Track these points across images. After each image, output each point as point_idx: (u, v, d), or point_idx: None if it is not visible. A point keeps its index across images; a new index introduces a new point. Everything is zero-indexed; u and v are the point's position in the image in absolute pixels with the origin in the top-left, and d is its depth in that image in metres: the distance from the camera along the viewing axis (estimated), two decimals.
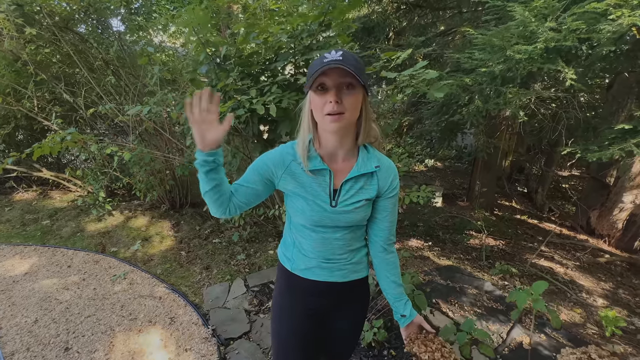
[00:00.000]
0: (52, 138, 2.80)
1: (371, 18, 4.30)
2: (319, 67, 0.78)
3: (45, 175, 4.16)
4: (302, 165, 0.92)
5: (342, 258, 1.01)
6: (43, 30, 3.08)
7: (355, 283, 1.06)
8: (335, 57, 0.79)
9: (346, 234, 0.98)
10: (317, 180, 0.93)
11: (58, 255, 3.02)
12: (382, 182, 0.96)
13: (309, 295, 1.05)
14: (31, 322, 2.18)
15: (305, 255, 1.02)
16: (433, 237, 4.05)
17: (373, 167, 0.93)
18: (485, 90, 2.43)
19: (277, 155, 0.95)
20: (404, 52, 2.16)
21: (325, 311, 1.08)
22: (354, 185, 0.93)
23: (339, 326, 1.13)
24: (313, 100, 0.85)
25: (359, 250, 1.05)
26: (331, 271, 1.01)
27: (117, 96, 3.35)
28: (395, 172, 0.98)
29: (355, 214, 0.94)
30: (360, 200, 0.94)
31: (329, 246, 0.99)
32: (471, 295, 2.67)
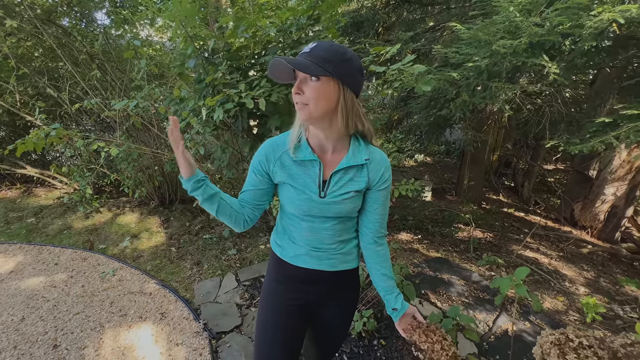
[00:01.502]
0: (36, 134, 2.74)
1: (360, 13, 4.30)
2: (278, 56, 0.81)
3: (30, 172, 4.07)
4: (291, 156, 0.94)
5: (331, 248, 1.02)
6: (24, 23, 3.00)
7: (345, 273, 1.07)
8: (305, 50, 0.82)
9: (335, 225, 1.00)
10: (307, 170, 0.94)
11: (44, 253, 2.97)
12: (373, 174, 0.96)
13: (298, 282, 1.06)
14: (18, 320, 2.15)
15: (295, 243, 1.03)
16: (422, 231, 4.11)
17: (363, 160, 0.94)
18: (472, 85, 2.47)
19: (268, 148, 0.97)
20: (392, 47, 2.18)
21: (314, 300, 1.09)
22: (343, 177, 0.94)
23: (328, 316, 1.14)
24: None
25: (349, 241, 1.06)
26: (320, 260, 1.02)
27: (103, 91, 3.29)
28: (387, 165, 0.98)
29: (344, 205, 0.95)
30: (350, 191, 0.94)
31: (317, 235, 1.00)
32: (459, 286, 2.73)
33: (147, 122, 3.10)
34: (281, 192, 1.00)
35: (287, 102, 2.33)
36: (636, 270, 3.59)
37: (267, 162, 0.97)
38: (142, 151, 3.09)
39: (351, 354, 1.90)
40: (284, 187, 0.98)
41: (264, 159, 0.97)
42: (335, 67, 0.80)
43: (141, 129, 3.33)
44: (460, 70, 2.54)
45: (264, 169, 0.98)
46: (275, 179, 0.98)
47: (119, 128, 2.98)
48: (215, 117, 2.02)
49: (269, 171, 0.97)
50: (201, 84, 2.32)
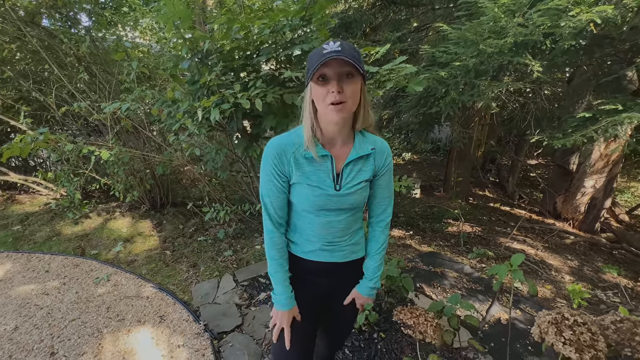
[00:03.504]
0: (22, 139, 2.68)
1: (348, 14, 4.36)
2: (320, 59, 0.82)
3: (12, 179, 3.95)
4: (303, 153, 0.95)
5: (343, 240, 1.06)
6: (7, 25, 2.91)
7: (354, 263, 1.12)
8: (334, 48, 0.82)
9: (348, 217, 1.03)
10: (319, 166, 0.96)
11: (34, 260, 2.89)
12: (378, 162, 1.02)
13: (309, 274, 1.10)
14: (11, 329, 2.09)
15: (309, 240, 1.06)
16: (414, 227, 4.20)
17: (369, 149, 0.99)
18: (460, 83, 2.56)
19: (278, 150, 0.96)
20: (382, 47, 2.24)
21: (325, 292, 1.14)
22: (354, 168, 0.99)
23: (337, 307, 1.18)
24: (315, 91, 0.87)
25: (358, 231, 1.11)
26: (332, 252, 1.07)
27: (91, 93, 3.23)
28: (388, 151, 1.05)
29: (358, 195, 1.00)
30: (361, 181, 0.99)
31: (331, 230, 1.03)
32: (452, 278, 2.81)
33: (137, 125, 3.06)
34: (294, 192, 1.00)
35: (282, 103, 2.35)
36: (615, 258, 3.77)
37: (282, 165, 0.96)
38: (133, 154, 3.05)
39: (352, 347, 1.94)
40: (298, 187, 0.98)
41: (278, 162, 0.96)
42: (361, 65, 0.85)
43: (131, 132, 3.29)
44: (448, 69, 2.63)
45: (282, 172, 0.97)
46: (292, 179, 0.98)
47: (109, 131, 2.93)
48: (212, 117, 2.02)
49: (286, 173, 0.97)
50: (195, 85, 2.32)
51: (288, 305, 1.04)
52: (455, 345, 1.86)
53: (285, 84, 2.54)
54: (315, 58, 0.84)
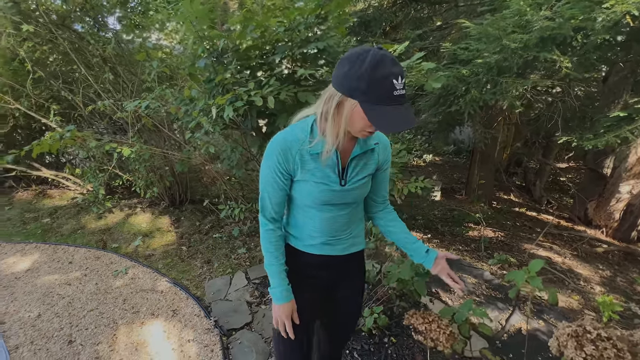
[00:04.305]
0: (52, 136, 2.81)
1: (367, 12, 4.31)
2: (387, 94, 0.76)
3: (45, 174, 4.17)
4: (309, 150, 0.92)
5: (345, 233, 1.06)
6: (40, 28, 3.08)
7: (354, 255, 1.12)
8: (401, 92, 0.77)
9: (351, 210, 1.04)
10: (316, 164, 0.94)
11: (59, 252, 3.03)
12: (381, 156, 1.03)
13: (309, 267, 1.09)
14: (34, 316, 2.20)
15: (310, 235, 1.05)
16: (432, 230, 4.08)
17: (373, 144, 0.98)
18: (481, 81, 2.45)
19: (283, 147, 0.92)
20: (400, 45, 2.18)
21: (325, 285, 1.13)
22: (359, 163, 0.98)
23: (339, 300, 1.17)
24: (359, 115, 0.80)
25: (358, 223, 1.11)
26: (333, 246, 1.06)
27: (116, 93, 3.36)
28: (389, 146, 1.07)
29: (361, 189, 1.00)
30: (365, 176, 1.00)
31: (334, 224, 1.03)
32: (470, 285, 2.69)
33: (157, 123, 3.15)
34: (297, 188, 0.98)
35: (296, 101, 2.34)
36: None
37: (287, 162, 0.93)
38: (153, 152, 3.14)
39: (362, 351, 1.89)
40: (302, 184, 0.96)
41: (283, 159, 0.93)
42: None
43: (152, 130, 3.38)
44: (469, 66, 2.53)
45: (286, 171, 0.95)
46: (296, 176, 0.96)
47: (130, 129, 3.03)
48: (225, 115, 2.04)
49: (290, 171, 0.95)
50: (211, 84, 2.35)
51: (285, 299, 1.02)
52: (467, 354, 1.78)
53: (300, 82, 2.53)
54: (383, 86, 0.75)
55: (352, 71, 0.77)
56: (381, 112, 0.77)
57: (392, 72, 0.76)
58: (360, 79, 0.76)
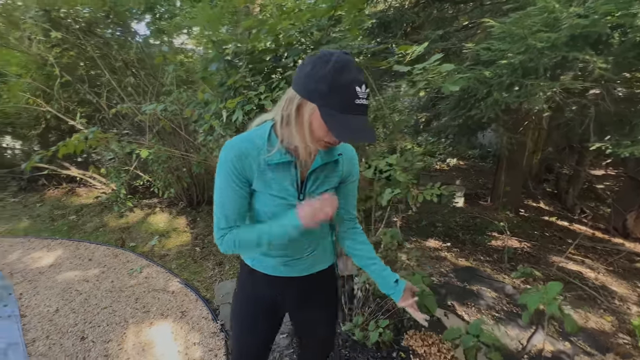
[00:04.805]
0: (77, 137, 2.93)
1: (387, 13, 4.20)
2: (348, 103, 0.70)
3: (73, 173, 4.38)
4: (267, 160, 0.83)
5: (306, 252, 0.98)
6: (68, 34, 3.24)
7: (316, 276, 1.04)
8: (363, 102, 0.72)
9: (313, 229, 0.91)
10: (282, 173, 0.86)
11: (81, 248, 3.16)
12: (346, 168, 0.94)
13: (266, 288, 1.02)
14: (52, 311, 2.28)
15: (267, 255, 0.97)
16: (452, 238, 3.91)
17: (336, 155, 0.90)
18: (504, 83, 2.30)
19: (239, 154, 0.84)
20: (419, 46, 2.09)
21: (286, 306, 1.08)
22: (319, 175, 0.89)
23: (309, 319, 1.11)
24: (319, 122, 0.73)
25: (323, 240, 1.02)
26: (292, 267, 0.99)
27: (137, 96, 3.47)
28: (356, 157, 0.98)
29: None
30: (328, 189, 0.92)
31: (295, 244, 0.93)
32: (490, 298, 2.54)
33: (175, 126, 3.21)
34: (254, 200, 0.90)
35: None
36: None
37: (243, 169, 0.84)
38: (171, 153, 3.20)
39: None
40: (259, 195, 0.89)
41: (239, 166, 0.83)
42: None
43: (170, 132, 3.46)
44: (492, 68, 2.38)
45: (243, 177, 0.85)
46: (253, 185, 0.87)
47: (149, 131, 3.12)
48: (234, 118, 2.03)
49: (247, 177, 0.86)
50: (223, 87, 2.36)
51: (296, 216, 0.82)
52: None
53: None
54: (344, 93, 0.70)
55: (313, 72, 0.71)
56: (341, 119, 0.71)
57: (357, 78, 0.70)
58: (321, 81, 0.70)
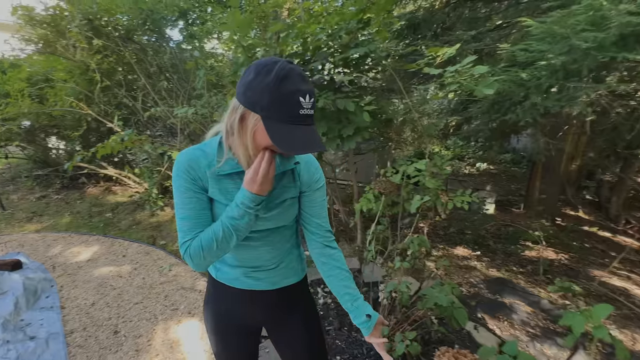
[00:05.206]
0: (114, 139, 3.09)
1: (417, 15, 4.11)
2: (291, 112, 0.68)
3: (110, 172, 4.62)
4: (216, 171, 0.81)
5: (270, 264, 0.94)
6: (109, 41, 3.43)
7: (286, 290, 0.99)
8: (308, 112, 0.70)
9: (273, 238, 0.91)
10: (235, 184, 0.83)
11: (116, 245, 3.32)
12: (305, 176, 0.90)
13: (236, 304, 0.98)
14: (89, 304, 2.41)
15: (230, 265, 0.94)
16: (482, 246, 3.75)
17: (292, 164, 0.88)
18: (543, 85, 2.17)
19: (191, 164, 0.82)
20: (450, 48, 2.02)
21: (260, 321, 1.03)
22: (276, 185, 0.86)
23: (288, 340, 1.04)
24: (262, 131, 0.71)
25: (289, 253, 0.97)
26: (257, 280, 0.94)
27: (170, 99, 3.61)
28: (317, 164, 0.93)
29: (281, 214, 0.88)
30: (285, 199, 0.88)
31: (254, 253, 0.91)
32: (524, 313, 2.40)
33: (205, 129, 3.31)
34: (214, 210, 0.86)
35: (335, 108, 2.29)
36: None
37: (198, 178, 0.82)
38: None
39: None
40: (217, 205, 0.85)
41: (192, 175, 0.81)
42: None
43: (201, 135, 3.57)
44: (530, 69, 2.26)
45: (198, 185, 0.82)
46: (209, 192, 0.84)
47: (180, 133, 3.23)
48: None
49: (202, 185, 0.83)
50: None
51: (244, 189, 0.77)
52: None
53: (340, 89, 2.47)
54: (283, 102, 0.68)
55: (255, 82, 0.69)
56: (285, 130, 0.69)
57: (299, 89, 0.68)
58: (263, 92, 0.68)
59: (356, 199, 2.99)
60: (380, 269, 2.59)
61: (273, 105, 0.68)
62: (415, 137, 3.43)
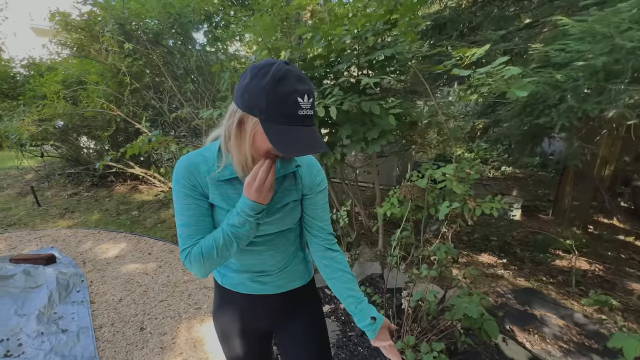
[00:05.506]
0: (142, 139, 3.18)
1: (442, 14, 4.02)
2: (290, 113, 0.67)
3: (136, 172, 4.77)
4: (216, 176, 0.81)
5: (275, 268, 0.93)
6: (138, 45, 3.55)
7: (294, 292, 0.98)
8: (308, 112, 0.68)
9: (276, 242, 0.90)
10: (235, 189, 0.83)
11: (142, 243, 3.41)
12: (307, 179, 0.89)
13: (241, 309, 0.98)
14: (117, 300, 2.48)
15: (234, 271, 0.94)
16: (509, 254, 3.61)
17: (294, 167, 0.86)
18: (581, 88, 2.06)
19: (191, 169, 0.81)
20: (479, 49, 1.95)
21: (268, 325, 1.01)
22: (278, 189, 0.86)
23: (293, 344, 1.02)
24: (261, 137, 0.70)
25: (294, 257, 0.97)
26: (262, 284, 0.94)
27: (195, 102, 3.68)
28: (318, 166, 0.92)
29: (283, 218, 0.87)
30: (287, 203, 0.87)
31: (258, 258, 0.90)
32: (556, 327, 2.29)
33: None
34: (215, 216, 0.86)
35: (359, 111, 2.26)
36: None
37: (198, 183, 0.81)
38: None
39: None
40: (218, 210, 0.85)
41: (193, 180, 0.81)
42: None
43: None
44: (565, 70, 2.15)
45: (197, 191, 0.82)
46: (209, 198, 0.83)
47: (205, 135, 3.29)
48: None
49: (202, 191, 0.82)
50: None
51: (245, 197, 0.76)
52: None
53: (365, 91, 2.44)
54: (281, 103, 0.67)
55: (252, 85, 0.68)
56: (285, 132, 0.67)
57: (297, 89, 0.67)
58: (260, 95, 0.67)
59: (378, 202, 2.94)
60: (402, 275, 2.54)
61: (271, 107, 0.67)
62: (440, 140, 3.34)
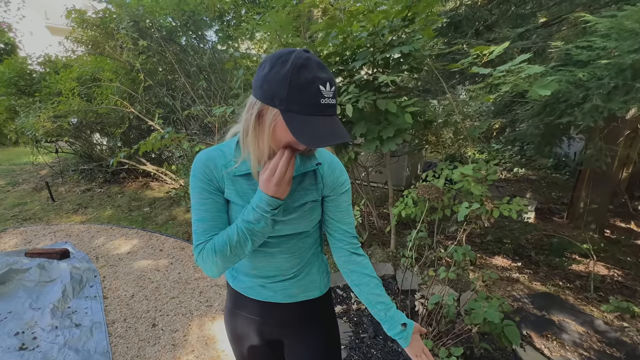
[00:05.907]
0: (154, 137, 3.20)
1: (458, 12, 3.95)
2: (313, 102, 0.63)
3: (148, 168, 4.80)
4: (233, 171, 0.78)
5: (289, 274, 0.87)
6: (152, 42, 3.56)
7: (307, 304, 0.92)
8: (330, 101, 0.65)
9: (292, 245, 0.85)
10: (252, 185, 0.79)
11: (153, 239, 3.43)
12: (329, 178, 0.84)
13: (254, 315, 0.93)
14: (129, 296, 2.49)
15: (244, 273, 0.89)
16: (523, 257, 3.53)
17: (314, 165, 0.81)
18: (606, 86, 1.99)
19: (208, 163, 0.79)
20: (498, 47, 1.90)
21: (278, 336, 0.95)
22: (296, 187, 0.81)
23: (293, 353, 0.96)
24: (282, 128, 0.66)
25: (311, 264, 0.91)
26: (274, 291, 0.88)
27: (207, 99, 3.69)
28: (341, 166, 0.87)
29: (301, 219, 0.82)
30: (306, 202, 0.82)
31: (271, 261, 0.85)
32: (575, 333, 2.22)
33: None
34: (231, 213, 0.83)
35: (374, 109, 2.22)
36: None
37: (213, 178, 0.79)
38: None
39: None
40: (233, 207, 0.81)
41: (208, 176, 0.78)
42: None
43: None
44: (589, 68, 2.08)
45: (214, 186, 0.79)
46: (225, 194, 0.81)
47: (217, 132, 3.28)
48: None
49: (218, 186, 0.80)
50: None
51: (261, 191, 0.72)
52: None
53: (380, 89, 2.40)
54: (302, 92, 0.63)
55: (271, 74, 0.64)
56: (307, 123, 0.63)
57: (319, 76, 0.63)
58: (280, 84, 0.63)
59: (391, 202, 2.90)
60: (416, 276, 2.50)
61: (292, 96, 0.63)
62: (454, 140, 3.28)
